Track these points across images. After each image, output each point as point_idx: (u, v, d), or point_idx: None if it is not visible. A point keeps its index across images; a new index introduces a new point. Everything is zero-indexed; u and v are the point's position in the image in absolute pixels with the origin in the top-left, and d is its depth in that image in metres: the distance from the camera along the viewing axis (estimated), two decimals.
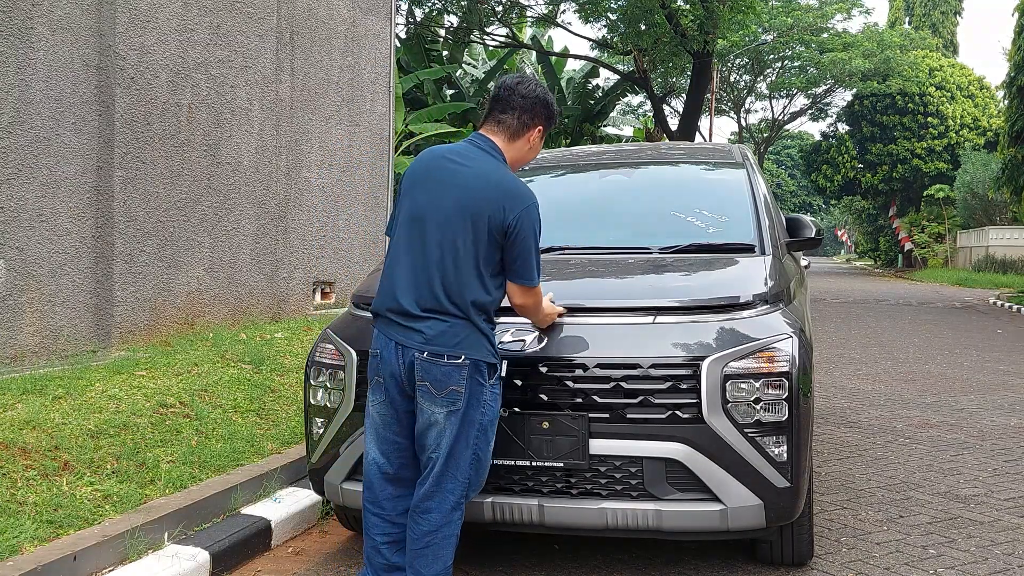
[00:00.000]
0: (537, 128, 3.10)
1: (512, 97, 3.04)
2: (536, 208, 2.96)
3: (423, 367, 2.89)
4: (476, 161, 3.00)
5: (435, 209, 2.95)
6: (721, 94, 40.97)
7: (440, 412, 2.89)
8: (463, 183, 2.95)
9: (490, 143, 3.05)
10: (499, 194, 2.92)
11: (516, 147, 3.09)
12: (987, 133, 39.78)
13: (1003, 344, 11.85)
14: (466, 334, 2.90)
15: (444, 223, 2.92)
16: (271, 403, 5.30)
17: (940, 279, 31.40)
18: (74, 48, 5.94)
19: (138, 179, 6.41)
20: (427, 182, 3.00)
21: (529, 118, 3.07)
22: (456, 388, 2.87)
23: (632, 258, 3.98)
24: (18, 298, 5.57)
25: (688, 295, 3.40)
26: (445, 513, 2.93)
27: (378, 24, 9.74)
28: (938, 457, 5.46)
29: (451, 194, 2.94)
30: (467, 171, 2.97)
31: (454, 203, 2.93)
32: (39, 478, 3.67)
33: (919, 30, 45.69)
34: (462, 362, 2.88)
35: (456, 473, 2.92)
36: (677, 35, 20.17)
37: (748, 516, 3.13)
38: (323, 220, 8.81)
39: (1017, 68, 19.75)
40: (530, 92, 3.05)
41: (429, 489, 2.93)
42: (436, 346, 2.88)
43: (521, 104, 3.04)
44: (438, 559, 2.94)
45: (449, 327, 2.89)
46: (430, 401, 2.90)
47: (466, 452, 2.92)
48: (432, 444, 2.92)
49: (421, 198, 2.99)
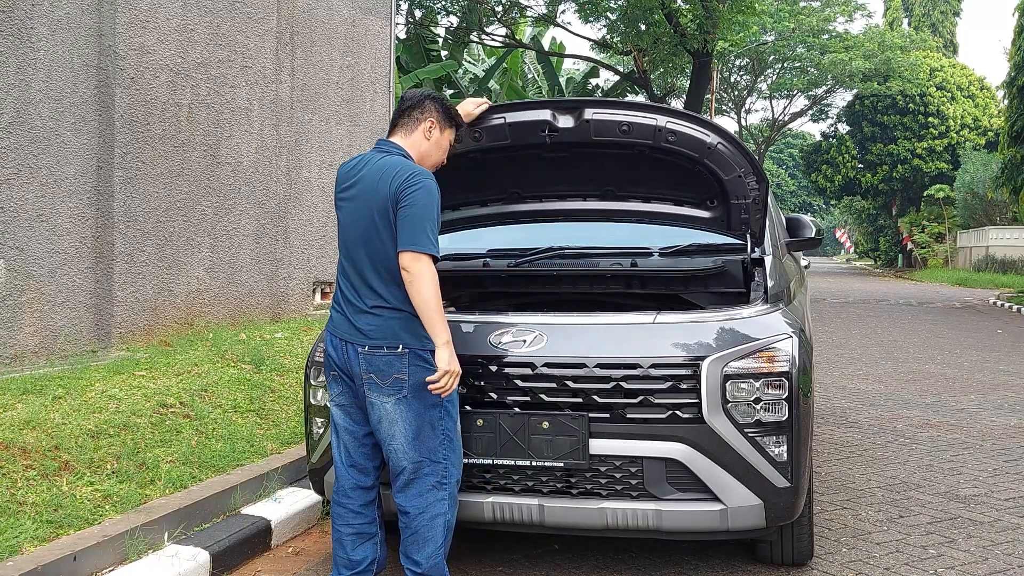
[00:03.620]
0: (428, 120, 3.23)
1: (402, 104, 3.26)
2: (429, 178, 3.05)
3: (367, 360, 3.02)
4: (377, 159, 3.15)
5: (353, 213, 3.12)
6: (721, 94, 40.98)
7: (389, 401, 3.00)
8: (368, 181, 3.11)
9: (390, 143, 3.22)
10: (392, 175, 3.05)
11: (412, 140, 3.21)
12: (987, 133, 39.75)
13: (1003, 344, 11.85)
14: (403, 325, 3.02)
15: (363, 223, 3.08)
16: (271, 403, 5.31)
17: (940, 279, 31.38)
18: (74, 48, 5.94)
19: (138, 179, 6.41)
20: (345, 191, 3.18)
21: (419, 113, 3.23)
22: (400, 376, 2.99)
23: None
24: (18, 298, 5.57)
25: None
26: (426, 494, 3.02)
27: (378, 24, 9.75)
28: (938, 457, 5.46)
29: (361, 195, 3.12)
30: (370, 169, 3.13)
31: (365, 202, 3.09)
32: (39, 478, 3.67)
33: (919, 31, 45.67)
34: (401, 351, 2.99)
35: (429, 455, 3.03)
36: (677, 35, 20.18)
37: (748, 516, 3.13)
38: (323, 220, 8.81)
39: (1017, 68, 19.75)
40: (415, 93, 3.27)
41: (408, 478, 3.03)
42: (375, 340, 3.01)
43: (403, 107, 3.24)
44: (427, 542, 3.02)
45: (385, 320, 3.02)
46: (376, 392, 3.01)
47: (432, 434, 3.03)
48: (387, 435, 3.03)
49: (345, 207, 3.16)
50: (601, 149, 3.83)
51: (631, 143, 3.72)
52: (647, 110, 3.71)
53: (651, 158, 3.81)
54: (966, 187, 35.25)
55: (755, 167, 3.72)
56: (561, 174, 4.07)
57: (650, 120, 3.65)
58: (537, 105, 3.75)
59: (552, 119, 3.71)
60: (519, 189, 4.14)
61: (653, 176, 3.99)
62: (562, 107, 3.74)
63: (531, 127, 3.73)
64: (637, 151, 3.78)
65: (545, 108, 3.74)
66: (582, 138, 3.73)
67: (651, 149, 3.73)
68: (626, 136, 3.68)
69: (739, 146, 3.70)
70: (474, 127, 3.74)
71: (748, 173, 3.72)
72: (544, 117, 3.72)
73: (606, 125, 3.68)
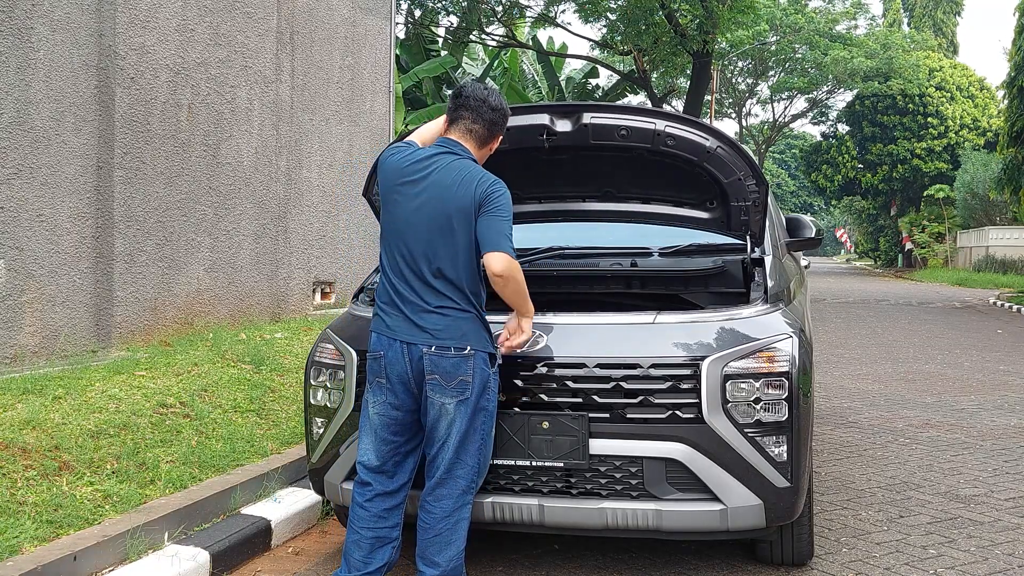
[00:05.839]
0: (499, 137, 3.25)
1: (482, 108, 3.16)
2: (506, 187, 3.09)
3: (432, 361, 3.01)
4: (449, 160, 3.11)
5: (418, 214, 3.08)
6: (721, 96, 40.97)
7: (451, 403, 3.01)
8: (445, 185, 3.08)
9: (461, 147, 3.16)
10: (475, 180, 3.06)
11: (482, 154, 3.24)
12: (987, 133, 39.77)
13: (1003, 344, 11.85)
14: (470, 327, 3.04)
15: (433, 222, 3.05)
16: (271, 403, 5.31)
17: (940, 279, 31.38)
18: (74, 48, 5.94)
19: (138, 179, 6.41)
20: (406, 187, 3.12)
21: (499, 129, 3.23)
22: (465, 378, 3.00)
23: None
24: (18, 298, 5.57)
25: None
26: (456, 498, 3.04)
27: (378, 24, 9.75)
28: (938, 457, 5.46)
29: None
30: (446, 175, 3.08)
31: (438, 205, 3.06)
32: (39, 478, 3.67)
33: (920, 31, 45.68)
34: (468, 352, 3.01)
35: (467, 459, 3.04)
36: (677, 35, 20.18)
37: (748, 516, 3.13)
38: (323, 220, 8.81)
39: (1017, 68, 19.75)
40: (499, 104, 3.19)
41: (441, 476, 3.04)
42: (443, 340, 3.01)
43: (491, 118, 3.18)
44: (451, 544, 3.04)
45: (453, 321, 3.03)
46: (440, 393, 3.01)
47: (475, 438, 3.05)
48: (442, 435, 3.03)
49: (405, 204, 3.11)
50: (600, 152, 3.82)
51: (630, 147, 3.72)
52: (645, 114, 3.71)
53: (650, 160, 3.81)
54: (966, 187, 35.25)
55: (754, 170, 3.72)
56: (560, 176, 4.07)
57: (648, 124, 3.64)
58: (535, 109, 3.75)
59: (550, 123, 3.71)
60: (518, 190, 4.14)
61: (652, 178, 3.99)
62: (560, 111, 3.74)
63: (529, 131, 3.72)
64: (636, 154, 3.78)
65: (543, 112, 3.74)
66: (580, 142, 3.73)
67: (650, 152, 3.73)
68: (625, 140, 3.68)
69: (738, 149, 3.70)
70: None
71: (747, 176, 3.72)
72: (542, 121, 3.71)
73: (604, 129, 3.68)
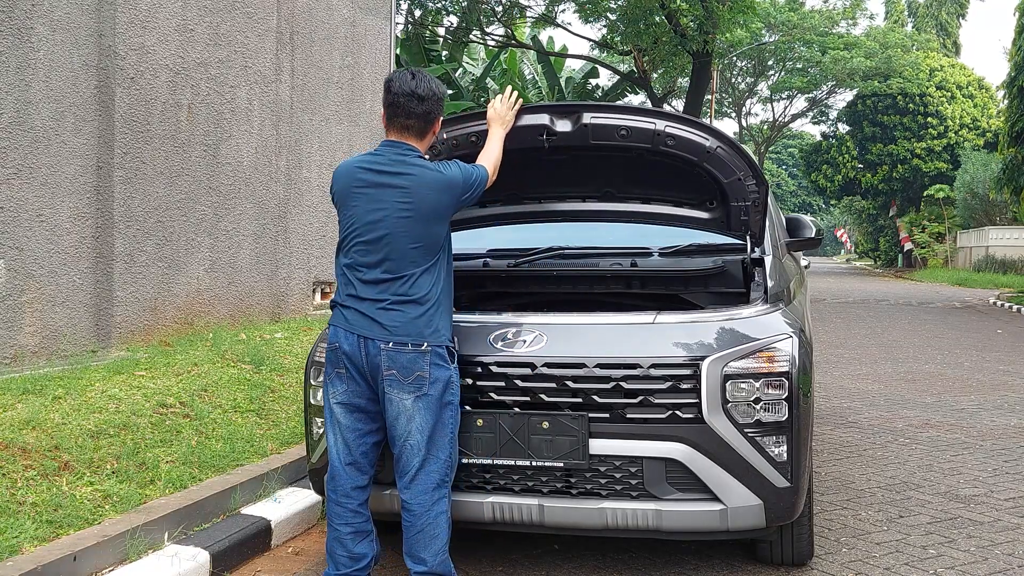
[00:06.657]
0: (439, 120, 3.27)
1: (411, 104, 3.16)
2: (447, 163, 3.22)
3: (389, 356, 3.03)
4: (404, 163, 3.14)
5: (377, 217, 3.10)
6: (721, 95, 40.97)
7: (408, 398, 3.02)
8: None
9: (407, 146, 3.18)
10: (434, 183, 3.12)
11: (426, 142, 3.26)
12: (987, 134, 39.77)
13: (1003, 344, 11.85)
14: (426, 323, 3.07)
15: (394, 221, 3.08)
16: (271, 403, 5.31)
17: (940, 279, 31.38)
18: (74, 48, 5.94)
19: (138, 179, 6.41)
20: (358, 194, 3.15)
21: (436, 114, 3.24)
22: (422, 373, 3.02)
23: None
24: (18, 298, 5.57)
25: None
26: (431, 492, 3.05)
27: (378, 24, 9.74)
28: (938, 457, 5.46)
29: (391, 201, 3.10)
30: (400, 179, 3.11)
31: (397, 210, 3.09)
32: (39, 478, 3.67)
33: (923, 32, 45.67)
34: (424, 348, 3.03)
35: (437, 453, 3.06)
36: (677, 35, 20.18)
37: (748, 516, 3.13)
38: (323, 220, 8.81)
39: (1017, 68, 19.75)
40: (428, 92, 3.17)
41: (414, 474, 3.06)
42: (400, 336, 3.03)
43: (424, 109, 3.17)
44: (435, 539, 3.05)
45: (410, 317, 3.06)
46: (398, 389, 3.03)
47: (444, 431, 3.07)
48: (403, 432, 3.05)
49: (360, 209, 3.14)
50: (600, 152, 3.82)
51: (630, 147, 3.72)
52: (645, 114, 3.71)
53: (650, 160, 3.81)
54: (966, 187, 35.25)
55: (754, 170, 3.72)
56: (560, 175, 4.07)
57: (648, 124, 3.64)
58: (535, 109, 3.75)
59: (550, 123, 3.71)
60: (518, 190, 4.14)
61: (652, 178, 3.99)
62: (560, 111, 3.74)
63: (529, 131, 3.72)
64: (636, 154, 3.78)
65: (543, 112, 3.73)
66: (580, 142, 3.73)
67: (650, 152, 3.73)
68: (624, 140, 3.68)
69: (738, 149, 3.70)
70: (472, 131, 3.73)
71: (747, 176, 3.72)
72: (542, 122, 3.71)
73: (604, 129, 3.68)
